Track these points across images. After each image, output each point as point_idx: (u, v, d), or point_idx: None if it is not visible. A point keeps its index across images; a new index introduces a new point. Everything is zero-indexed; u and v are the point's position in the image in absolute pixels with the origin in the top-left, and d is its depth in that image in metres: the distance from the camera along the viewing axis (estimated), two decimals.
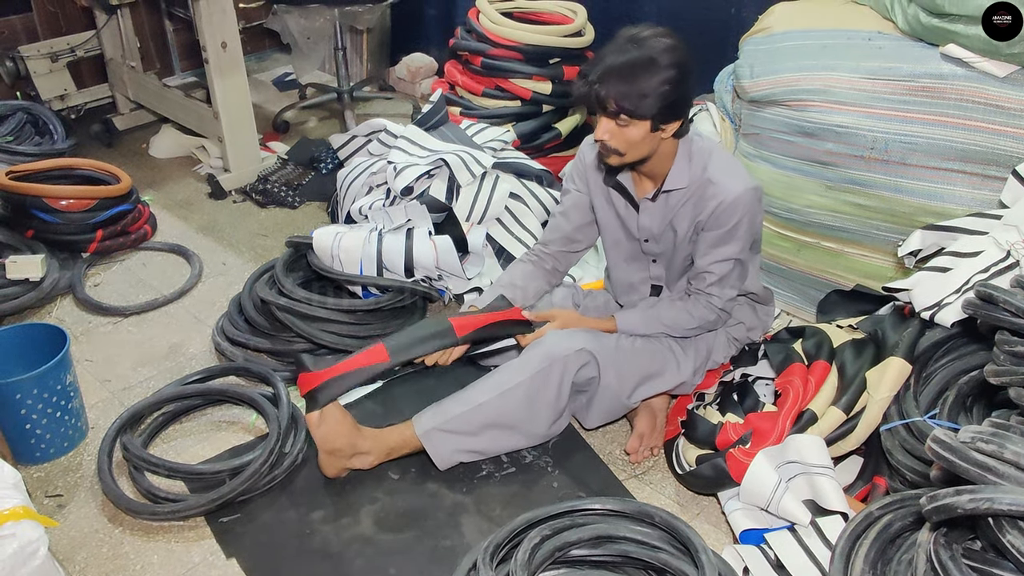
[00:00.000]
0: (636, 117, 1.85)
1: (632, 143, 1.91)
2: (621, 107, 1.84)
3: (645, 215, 2.13)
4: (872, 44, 2.30)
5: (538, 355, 2.09)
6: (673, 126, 1.92)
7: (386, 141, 3.07)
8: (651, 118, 1.86)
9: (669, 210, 2.09)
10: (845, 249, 2.46)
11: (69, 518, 2.02)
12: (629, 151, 1.93)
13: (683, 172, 2.02)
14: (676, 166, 2.02)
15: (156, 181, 3.60)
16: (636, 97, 1.82)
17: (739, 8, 3.14)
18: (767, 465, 1.84)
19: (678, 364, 2.20)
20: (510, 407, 2.07)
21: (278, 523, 2.00)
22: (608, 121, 1.89)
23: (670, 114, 1.88)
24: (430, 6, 4.31)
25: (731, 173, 2.01)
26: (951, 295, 1.89)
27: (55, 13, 3.85)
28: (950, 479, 1.33)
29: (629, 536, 1.76)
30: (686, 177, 2.02)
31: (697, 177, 2.02)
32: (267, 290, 2.51)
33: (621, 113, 1.85)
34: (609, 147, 1.93)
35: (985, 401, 1.80)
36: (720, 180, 2.00)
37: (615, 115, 1.86)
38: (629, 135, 1.89)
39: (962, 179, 2.19)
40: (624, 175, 2.12)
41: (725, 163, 2.03)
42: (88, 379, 2.46)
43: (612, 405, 2.17)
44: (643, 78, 1.81)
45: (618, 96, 1.82)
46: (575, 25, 3.36)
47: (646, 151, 1.95)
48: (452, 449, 2.09)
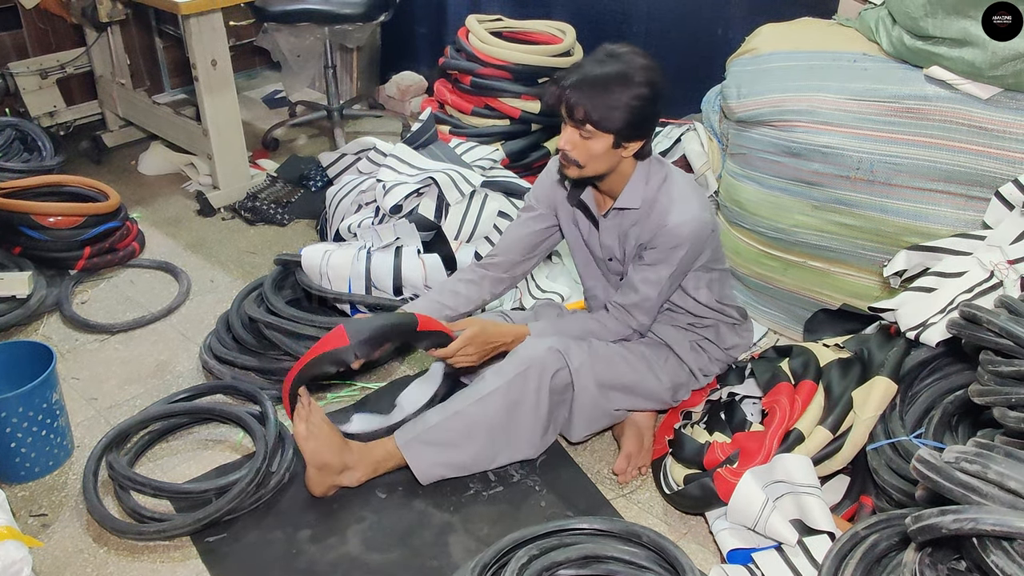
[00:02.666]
0: (601, 129, 1.87)
1: (593, 156, 1.93)
2: (588, 117, 1.86)
3: (605, 233, 2.15)
4: (857, 66, 2.32)
5: (513, 361, 2.09)
6: (635, 146, 1.94)
7: (375, 159, 3.08)
8: (615, 133, 1.88)
9: (622, 230, 2.11)
10: (831, 268, 2.47)
11: (54, 538, 2.01)
12: (588, 164, 1.95)
13: (637, 192, 2.04)
14: (630, 185, 2.03)
15: (145, 198, 3.60)
16: (604, 108, 1.84)
17: (726, 29, 3.17)
18: (754, 485, 1.84)
19: (656, 376, 2.20)
20: (489, 414, 2.06)
21: (264, 543, 1.99)
22: (572, 130, 1.91)
23: (634, 132, 1.91)
24: (420, 25, 4.33)
25: (683, 200, 2.02)
26: (936, 315, 1.90)
27: (45, 30, 3.85)
28: (935, 499, 1.34)
29: (617, 556, 1.76)
30: (639, 198, 2.04)
31: (650, 199, 2.04)
32: (255, 308, 2.51)
33: (587, 123, 1.87)
34: (569, 157, 1.94)
35: (970, 420, 1.81)
36: (668, 206, 2.01)
37: (580, 124, 1.88)
38: (591, 147, 1.91)
39: (946, 200, 2.21)
40: (587, 194, 2.13)
41: (680, 190, 2.04)
42: (74, 397, 2.45)
43: (593, 412, 2.17)
44: (615, 91, 1.84)
45: (587, 105, 1.85)
46: (564, 45, 3.39)
47: (604, 167, 1.97)
48: (432, 462, 2.08)
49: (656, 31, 3.38)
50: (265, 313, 2.49)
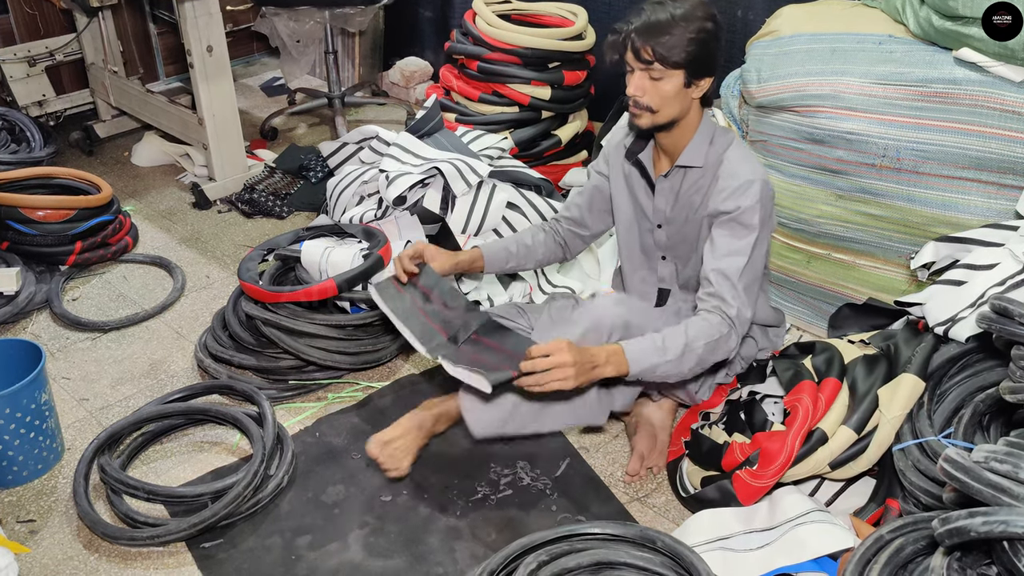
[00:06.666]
0: (670, 66, 1.92)
1: (665, 97, 1.96)
2: (657, 54, 1.90)
3: (660, 197, 2.16)
4: (883, 48, 2.31)
5: (585, 316, 2.09)
6: (705, 83, 1.99)
7: (378, 149, 3.08)
8: (685, 67, 1.93)
9: (680, 192, 2.13)
10: (857, 261, 2.47)
11: (42, 544, 2.02)
12: (662, 107, 1.98)
13: (700, 149, 2.07)
14: (694, 142, 2.07)
15: (138, 190, 3.61)
16: (673, 43, 1.90)
17: (746, 11, 3.16)
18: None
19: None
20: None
21: (262, 549, 2.00)
22: (641, 75, 1.96)
23: (703, 68, 1.96)
24: (425, 8, 4.33)
25: (748, 161, 2.06)
26: (965, 309, 1.90)
27: (33, 15, 3.87)
28: (964, 501, 1.33)
29: (630, 562, 1.76)
30: (702, 156, 2.07)
31: (714, 160, 2.07)
32: (253, 304, 2.52)
33: (655, 62, 1.91)
34: (641, 103, 1.98)
35: (1003, 420, 1.80)
36: (736, 165, 2.04)
37: (649, 64, 1.92)
38: (662, 89, 1.95)
39: (977, 188, 2.19)
40: (645, 153, 2.16)
41: (744, 152, 2.08)
42: (64, 397, 2.46)
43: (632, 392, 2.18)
44: (680, 26, 1.90)
45: (655, 43, 1.90)
46: (575, 28, 3.38)
47: (677, 110, 2.00)
48: (492, 417, 2.08)
49: None
50: (263, 310, 2.49)
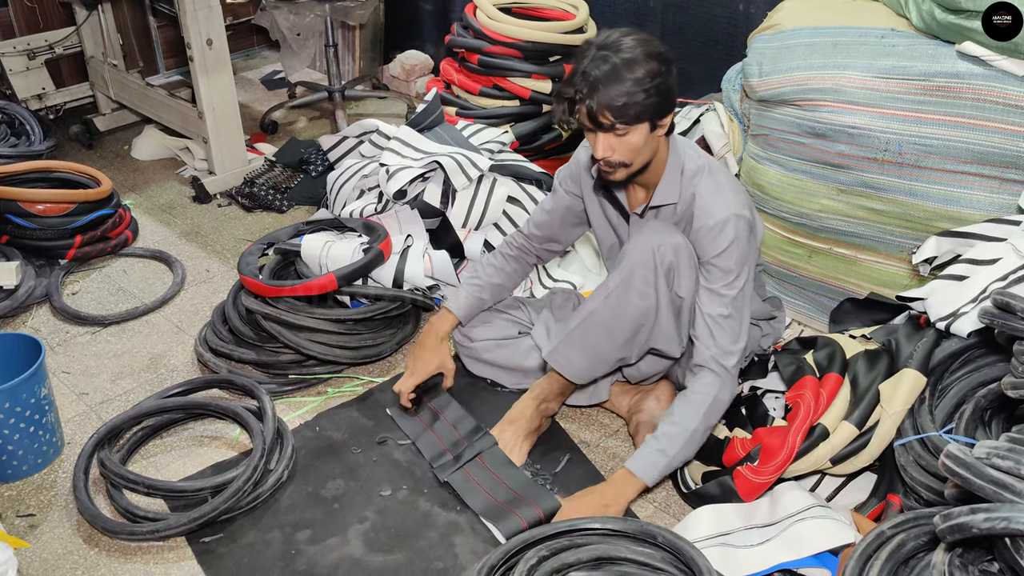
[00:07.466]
0: (632, 121, 1.85)
1: (635, 149, 1.90)
2: (616, 116, 1.83)
3: (637, 226, 2.14)
4: (885, 42, 2.31)
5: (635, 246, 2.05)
6: (668, 119, 1.92)
7: (378, 142, 3.08)
8: (648, 118, 1.87)
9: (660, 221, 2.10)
10: (858, 256, 2.47)
11: (42, 539, 2.02)
12: (635, 158, 1.92)
13: (673, 185, 2.03)
14: (666, 178, 2.03)
15: (138, 184, 3.61)
16: (628, 103, 1.82)
17: (748, 4, 3.15)
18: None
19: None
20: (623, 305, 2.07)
21: (262, 544, 2.00)
22: (605, 137, 1.89)
23: (664, 109, 1.89)
24: (425, 1, 4.33)
25: (721, 192, 2.01)
26: (968, 304, 1.90)
27: (32, 8, 3.87)
28: (966, 497, 1.34)
29: (630, 557, 1.76)
30: (676, 191, 2.03)
31: (688, 192, 2.03)
32: (253, 299, 2.52)
33: (618, 123, 1.85)
34: (614, 162, 1.92)
35: (1005, 415, 1.80)
36: (708, 200, 2.00)
37: (611, 128, 1.86)
38: (630, 142, 1.88)
39: (979, 183, 2.19)
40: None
41: (716, 182, 2.03)
42: (64, 392, 2.47)
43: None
44: (629, 80, 1.81)
45: (609, 107, 1.82)
46: (577, 21, 3.38)
47: (648, 154, 1.95)
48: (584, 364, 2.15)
49: (674, 5, 3.37)
50: (263, 304, 2.49)
